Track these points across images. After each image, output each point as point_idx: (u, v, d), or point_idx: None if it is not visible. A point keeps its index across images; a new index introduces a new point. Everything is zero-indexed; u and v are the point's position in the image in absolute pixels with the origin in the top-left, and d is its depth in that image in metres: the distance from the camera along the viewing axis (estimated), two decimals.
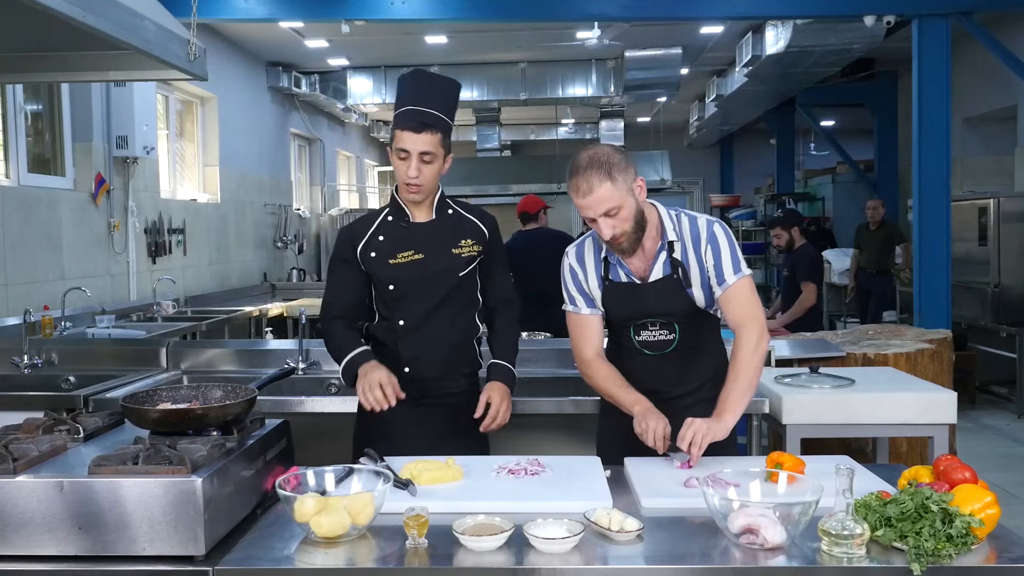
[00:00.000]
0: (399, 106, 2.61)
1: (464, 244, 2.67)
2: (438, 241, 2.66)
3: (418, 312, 2.65)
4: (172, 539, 1.76)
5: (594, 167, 2.33)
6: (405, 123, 2.56)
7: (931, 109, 6.76)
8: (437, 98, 2.60)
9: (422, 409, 2.67)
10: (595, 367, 2.58)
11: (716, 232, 2.49)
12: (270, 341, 5.14)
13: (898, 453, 4.22)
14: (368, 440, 2.63)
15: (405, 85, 2.64)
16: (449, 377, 2.70)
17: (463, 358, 2.73)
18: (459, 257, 2.66)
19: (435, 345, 2.66)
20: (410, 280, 2.64)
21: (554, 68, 10.47)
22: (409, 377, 2.66)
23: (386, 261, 2.64)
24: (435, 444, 2.54)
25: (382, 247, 2.66)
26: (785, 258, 6.78)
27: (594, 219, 2.38)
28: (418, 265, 2.64)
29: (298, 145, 11.45)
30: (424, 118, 2.55)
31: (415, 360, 2.66)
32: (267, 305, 7.69)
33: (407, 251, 2.64)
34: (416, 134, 2.54)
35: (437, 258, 2.64)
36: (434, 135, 2.56)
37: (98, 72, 3.77)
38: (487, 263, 2.75)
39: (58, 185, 5.85)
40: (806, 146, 15.90)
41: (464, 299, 2.71)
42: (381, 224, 2.70)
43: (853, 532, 1.73)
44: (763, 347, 2.45)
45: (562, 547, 1.78)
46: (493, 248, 2.75)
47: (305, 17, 7.25)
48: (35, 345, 4.10)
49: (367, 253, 2.66)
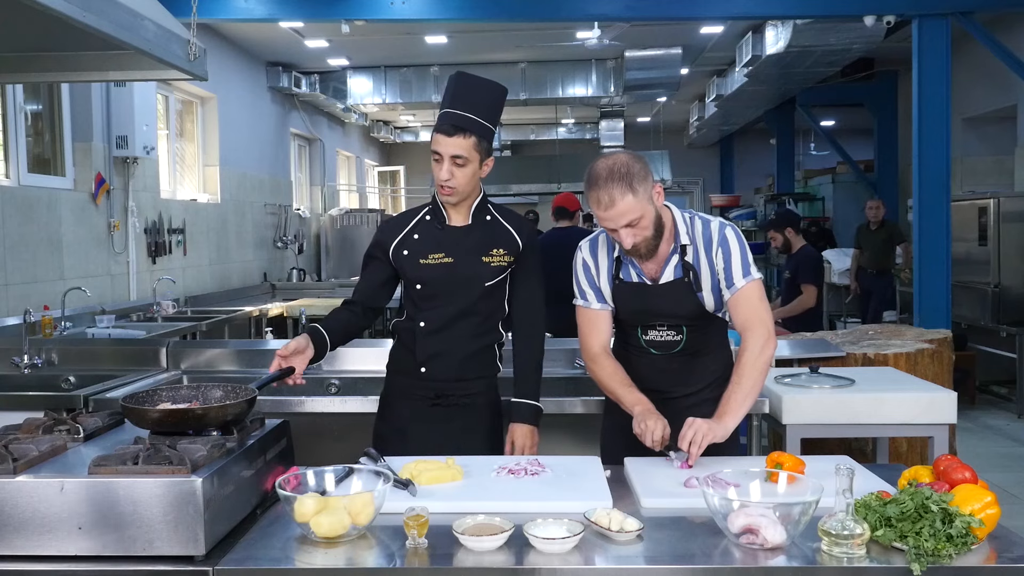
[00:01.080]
0: (441, 107, 2.62)
1: (495, 253, 2.64)
2: (469, 247, 2.64)
3: (441, 316, 2.64)
4: (172, 539, 1.76)
5: (615, 179, 2.32)
6: (440, 125, 2.57)
7: (931, 109, 6.76)
8: (476, 102, 2.57)
9: (438, 410, 2.68)
10: (600, 363, 2.58)
11: (728, 235, 2.49)
12: (270, 341, 5.13)
13: (898, 453, 4.22)
14: (386, 438, 2.67)
15: (448, 87, 2.63)
16: (465, 379, 2.69)
17: (481, 363, 2.71)
18: (488, 266, 2.64)
19: (453, 350, 2.65)
20: (437, 282, 2.63)
21: (554, 68, 10.48)
22: (425, 377, 2.66)
23: (417, 260, 2.64)
24: (450, 445, 2.54)
25: (415, 246, 2.65)
26: (786, 260, 6.78)
27: (614, 229, 2.38)
28: (446, 268, 2.62)
29: (298, 145, 11.45)
30: (457, 121, 2.54)
31: (431, 362, 2.66)
32: (267, 305, 7.68)
33: (438, 253, 2.63)
34: (448, 137, 2.54)
35: (466, 264, 2.63)
36: (467, 139, 2.54)
37: (98, 72, 3.77)
38: (517, 275, 2.72)
39: (58, 185, 5.85)
40: (806, 146, 15.91)
41: (489, 308, 2.68)
42: (419, 223, 2.70)
43: (853, 532, 1.73)
44: (768, 352, 2.45)
45: (562, 547, 1.78)
46: (526, 259, 2.71)
47: (305, 17, 7.25)
48: (35, 345, 4.10)
49: (400, 250, 2.66)
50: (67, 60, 3.63)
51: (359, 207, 13.64)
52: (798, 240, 6.61)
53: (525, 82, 10.49)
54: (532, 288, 2.74)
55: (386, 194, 16.68)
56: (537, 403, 2.71)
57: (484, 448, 2.64)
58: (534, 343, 2.74)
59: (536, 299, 2.75)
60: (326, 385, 3.71)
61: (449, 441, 2.59)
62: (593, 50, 9.08)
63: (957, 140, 8.65)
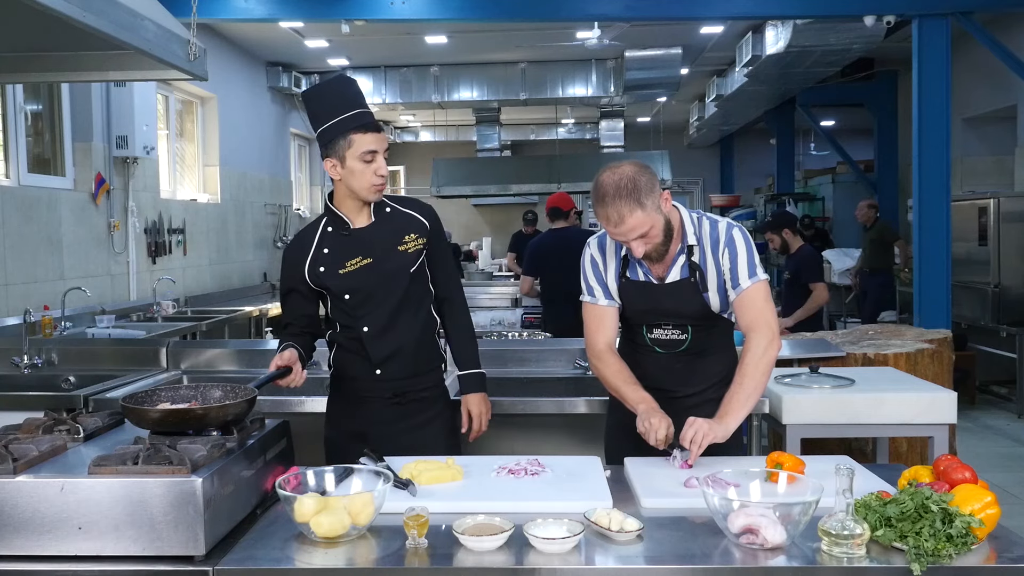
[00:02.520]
0: (341, 110, 2.56)
1: (408, 240, 2.66)
2: (383, 242, 2.64)
3: (380, 315, 2.64)
4: (172, 539, 1.76)
5: (622, 196, 2.32)
6: (365, 125, 2.55)
7: (931, 109, 6.76)
8: (362, 98, 2.61)
9: (396, 408, 2.69)
10: (605, 360, 2.58)
11: (735, 236, 2.49)
12: (270, 341, 5.13)
13: (898, 453, 4.22)
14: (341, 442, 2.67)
15: (338, 91, 2.59)
16: (419, 373, 2.71)
17: (429, 353, 2.74)
18: (406, 254, 2.65)
19: (402, 344, 2.66)
20: (364, 286, 2.63)
21: (554, 68, 10.47)
22: (382, 378, 2.67)
23: (336, 272, 2.63)
24: (412, 440, 2.60)
25: (329, 259, 2.64)
26: (786, 261, 6.77)
27: (626, 241, 2.39)
28: (368, 269, 2.63)
29: (298, 145, 11.45)
30: (374, 118, 2.60)
31: (386, 362, 2.66)
32: (267, 305, 7.68)
33: (355, 258, 2.63)
34: (379, 133, 2.58)
35: (385, 259, 2.63)
36: (383, 133, 2.61)
37: (98, 72, 3.77)
38: (432, 254, 2.74)
39: (58, 185, 5.85)
40: (806, 146, 15.90)
41: (419, 293, 2.71)
42: (322, 236, 2.68)
43: (853, 532, 1.73)
44: (772, 353, 2.45)
45: (562, 547, 1.78)
46: (436, 238, 2.74)
47: (305, 17, 7.25)
48: (35, 345, 4.10)
49: (315, 268, 2.65)
50: (67, 60, 3.63)
51: None
52: (796, 240, 6.61)
53: (525, 82, 10.49)
54: (447, 263, 2.80)
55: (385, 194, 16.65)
56: (481, 370, 2.78)
57: (446, 437, 2.69)
58: (461, 314, 2.82)
59: (452, 272, 2.83)
60: (326, 385, 3.70)
61: (410, 436, 2.63)
62: (593, 50, 9.08)
63: (957, 140, 8.65)
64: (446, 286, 2.79)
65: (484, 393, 2.77)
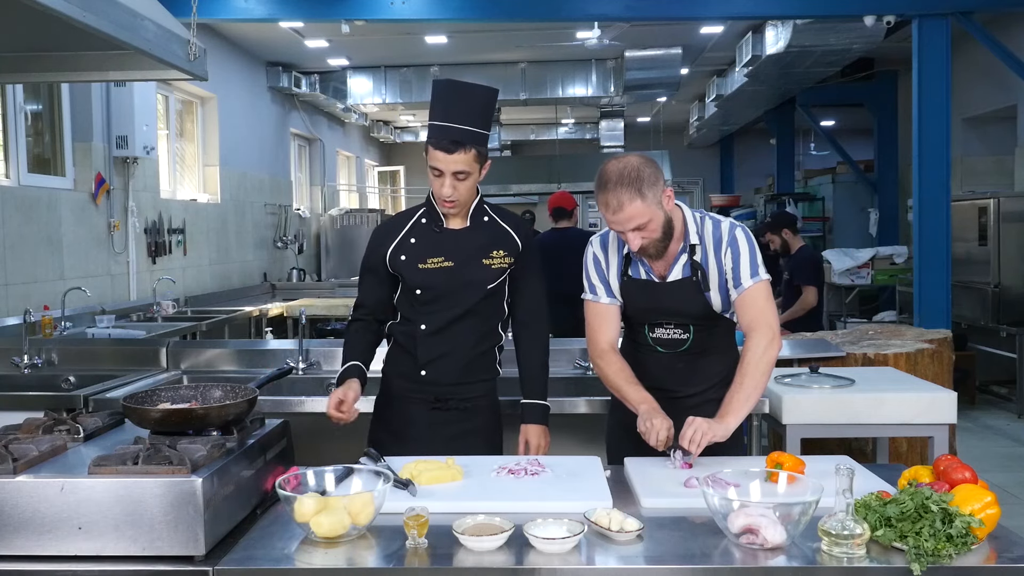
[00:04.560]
0: (432, 117, 2.53)
1: (496, 255, 2.62)
2: (469, 250, 2.61)
3: (442, 319, 2.62)
4: (172, 539, 1.76)
5: (624, 184, 2.32)
6: (437, 141, 2.49)
7: (931, 109, 6.76)
8: (469, 111, 2.50)
9: (437, 413, 2.67)
10: (607, 359, 2.58)
11: (737, 236, 2.49)
12: (270, 341, 5.14)
13: (898, 453, 4.22)
14: (384, 442, 2.65)
15: (437, 97, 2.53)
16: (466, 383, 2.67)
17: (481, 365, 2.70)
18: (489, 268, 2.61)
19: (454, 352, 2.63)
20: (438, 287, 2.60)
21: (554, 68, 10.47)
22: (425, 380, 2.65)
23: (416, 265, 2.60)
24: (449, 448, 2.52)
25: (413, 250, 2.61)
26: (785, 261, 6.78)
27: (623, 231, 2.39)
28: (447, 273, 2.60)
29: (298, 145, 11.45)
30: (455, 136, 2.47)
31: (432, 364, 2.64)
32: (267, 305, 7.69)
33: (437, 257, 2.60)
34: (449, 154, 2.48)
35: (467, 268, 2.60)
36: (467, 153, 2.49)
37: (98, 72, 3.76)
38: (518, 275, 2.69)
39: (58, 185, 5.85)
40: (806, 146, 15.89)
41: (490, 310, 2.67)
42: (414, 226, 2.66)
43: (853, 532, 1.73)
44: (772, 353, 2.45)
45: (562, 547, 1.78)
46: (526, 260, 2.69)
47: (305, 17, 7.25)
48: (35, 345, 4.10)
49: (397, 255, 2.63)
50: (67, 60, 3.63)
51: (359, 207, 13.64)
52: (796, 241, 6.61)
53: (525, 82, 10.49)
54: (535, 288, 2.73)
55: (386, 194, 16.68)
56: (546, 403, 2.73)
57: (483, 451, 2.63)
58: (540, 343, 2.74)
59: (539, 298, 2.74)
60: (326, 385, 3.71)
61: (448, 444, 2.58)
62: (593, 50, 9.08)
63: (957, 140, 8.64)
64: (528, 311, 2.72)
65: (546, 426, 2.71)
